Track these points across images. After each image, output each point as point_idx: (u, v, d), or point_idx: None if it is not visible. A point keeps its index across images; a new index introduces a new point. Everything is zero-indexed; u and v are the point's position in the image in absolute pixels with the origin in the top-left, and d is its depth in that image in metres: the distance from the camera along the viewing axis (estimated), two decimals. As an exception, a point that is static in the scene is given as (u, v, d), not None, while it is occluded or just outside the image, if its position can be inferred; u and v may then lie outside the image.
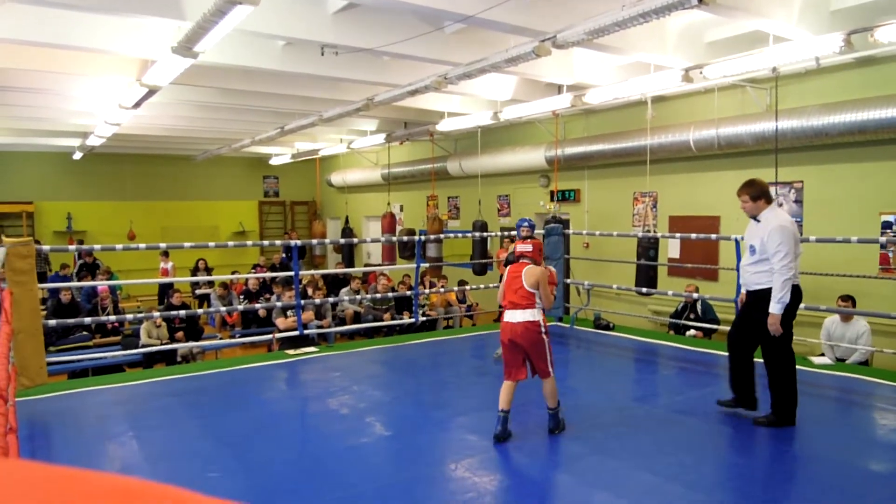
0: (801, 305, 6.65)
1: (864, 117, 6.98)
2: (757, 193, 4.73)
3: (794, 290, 4.57)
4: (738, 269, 6.90)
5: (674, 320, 8.45)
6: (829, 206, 7.94)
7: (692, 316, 8.30)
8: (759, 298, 4.62)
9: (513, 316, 4.47)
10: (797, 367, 6.30)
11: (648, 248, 8.71)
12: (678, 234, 8.47)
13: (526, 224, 5.40)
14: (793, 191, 8.29)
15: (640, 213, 10.37)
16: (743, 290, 5.00)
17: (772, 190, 8.27)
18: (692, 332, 8.21)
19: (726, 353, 6.87)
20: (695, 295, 8.17)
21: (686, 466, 4.01)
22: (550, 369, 4.52)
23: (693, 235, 7.81)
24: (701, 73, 7.08)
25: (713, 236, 7.83)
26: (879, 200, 7.46)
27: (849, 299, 6.79)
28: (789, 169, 8.17)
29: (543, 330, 4.46)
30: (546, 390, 4.55)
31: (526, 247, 4.71)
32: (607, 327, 8.41)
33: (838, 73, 7.68)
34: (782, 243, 4.46)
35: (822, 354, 6.82)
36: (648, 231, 9.54)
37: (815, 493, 3.60)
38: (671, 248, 9.88)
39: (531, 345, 4.43)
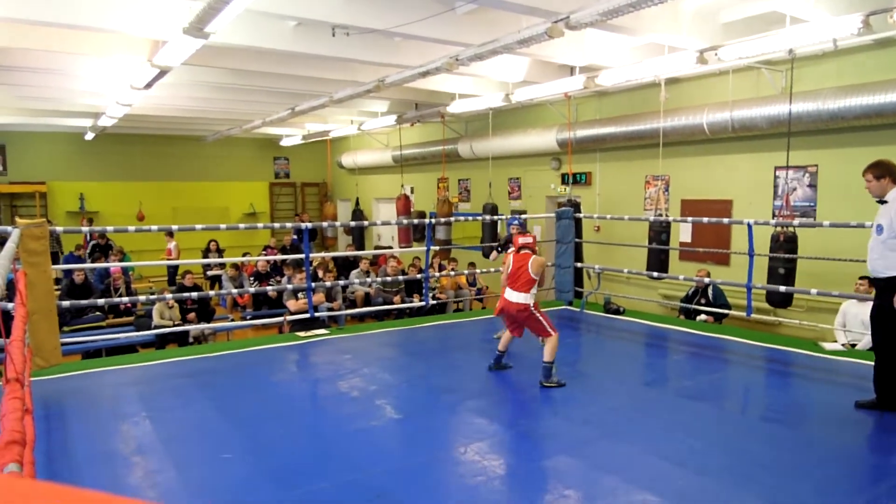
0: (814, 290, 6.70)
1: (882, 100, 6.87)
2: (881, 173, 4.47)
3: None
4: (750, 254, 6.88)
5: (685, 305, 8.41)
6: (844, 191, 7.84)
7: (703, 301, 8.27)
8: (890, 287, 4.35)
9: (510, 296, 5.46)
10: (808, 352, 6.31)
11: (660, 231, 8.67)
12: (690, 218, 8.40)
13: (516, 223, 6.36)
14: (807, 175, 8.20)
15: (651, 197, 10.30)
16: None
17: (783, 174, 8.27)
18: (703, 317, 8.18)
19: (742, 340, 6.88)
20: (706, 280, 8.11)
21: (695, 451, 4.02)
22: (550, 330, 5.38)
23: (705, 220, 7.75)
24: (716, 54, 6.98)
25: (725, 220, 7.76)
26: (896, 185, 7.36)
27: (866, 279, 6.73)
28: (804, 153, 8.07)
29: (532, 308, 5.40)
30: (547, 346, 5.35)
31: (527, 239, 5.58)
32: (618, 311, 8.39)
33: (856, 54, 7.54)
34: None
35: (836, 341, 6.78)
36: (660, 215, 9.49)
37: (824, 480, 3.60)
38: (683, 232, 9.82)
39: (524, 320, 5.47)
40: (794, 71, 7.67)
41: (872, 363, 5.85)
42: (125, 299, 7.92)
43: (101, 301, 7.12)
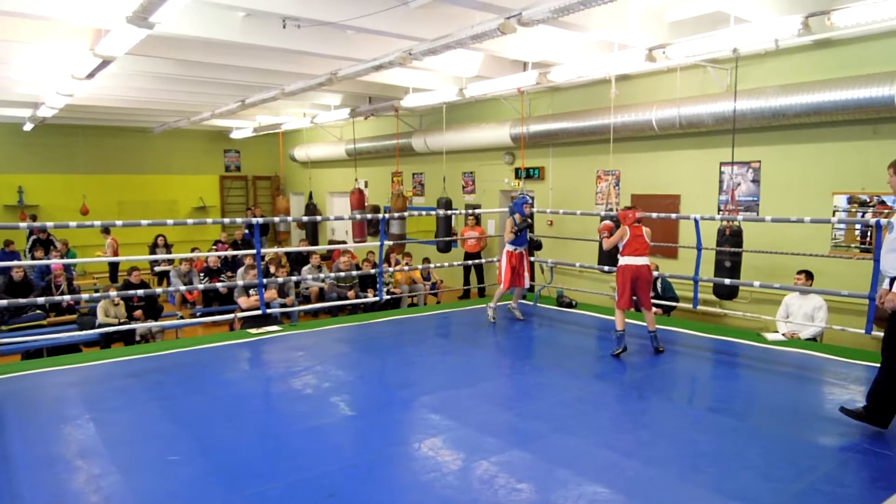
0: (757, 283, 6.93)
1: (820, 99, 7.12)
2: None
3: None
4: (698, 248, 7.07)
5: (635, 298, 8.57)
6: (785, 186, 8.12)
7: (652, 294, 8.43)
8: None
9: (637, 260, 6.26)
10: (752, 343, 6.52)
11: (611, 226, 8.81)
12: (639, 213, 8.55)
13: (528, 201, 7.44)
14: (750, 170, 8.46)
15: (603, 192, 10.46)
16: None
17: (728, 169, 8.50)
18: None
19: (690, 332, 7.04)
20: (655, 273, 8.29)
21: (643, 442, 4.11)
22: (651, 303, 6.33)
23: (654, 214, 7.92)
24: (663, 52, 7.12)
25: (673, 216, 7.94)
26: (833, 180, 7.66)
27: (803, 273, 6.98)
28: (748, 149, 8.31)
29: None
30: (649, 317, 6.32)
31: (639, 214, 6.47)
32: (570, 305, 8.52)
33: (796, 54, 7.80)
34: None
35: (777, 331, 7.02)
36: (611, 209, 9.65)
37: (765, 467, 3.73)
38: (633, 226, 9.99)
39: (648, 281, 6.37)
40: (738, 69, 7.88)
41: (813, 353, 6.13)
42: (67, 297, 7.64)
43: (41, 299, 6.85)
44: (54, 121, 14.53)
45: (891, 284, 4.15)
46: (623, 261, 6.33)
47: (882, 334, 4.40)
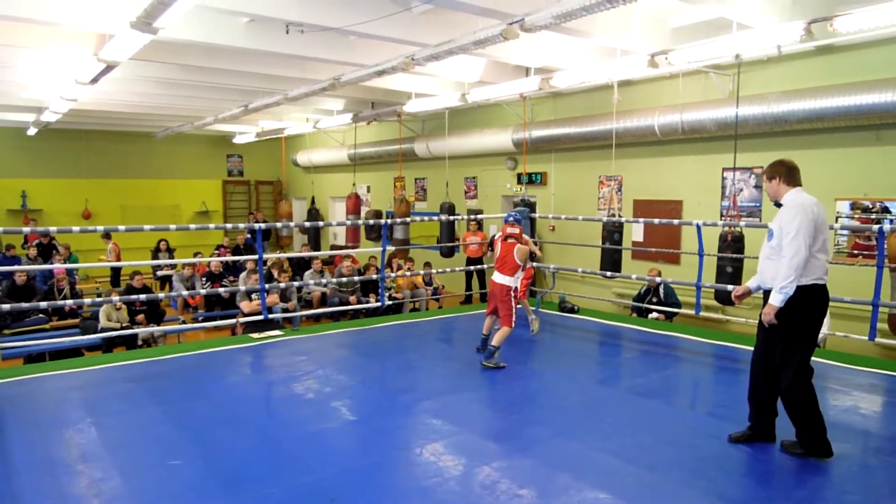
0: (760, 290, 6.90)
1: (823, 105, 7.13)
2: (772, 173, 3.99)
3: (819, 290, 3.91)
4: (699, 254, 7.06)
5: (637, 303, 8.57)
6: (788, 192, 8.10)
7: (655, 299, 8.44)
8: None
9: (497, 278, 6.09)
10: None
11: (613, 231, 8.82)
12: (642, 219, 8.57)
13: (511, 219, 6.60)
14: (753, 176, 8.45)
15: (605, 197, 10.47)
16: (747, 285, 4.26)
17: (730, 175, 8.49)
18: (654, 315, 8.35)
19: (692, 337, 7.03)
20: (657, 279, 8.29)
21: (645, 448, 4.10)
22: (510, 321, 5.92)
23: (656, 220, 7.92)
24: (666, 58, 7.13)
25: (675, 221, 7.94)
26: (835, 186, 7.65)
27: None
28: (750, 154, 8.31)
29: (512, 293, 5.96)
30: (499, 333, 5.88)
31: (514, 230, 6.18)
32: (572, 310, 8.51)
33: (799, 60, 7.81)
34: (793, 220, 3.74)
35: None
36: (613, 215, 9.66)
37: (767, 473, 3.72)
38: (635, 232, 10.01)
39: (500, 301, 6.01)
40: (740, 75, 7.89)
41: (815, 358, 6.08)
42: (70, 301, 7.65)
43: (43, 303, 6.86)
44: (58, 125, 14.58)
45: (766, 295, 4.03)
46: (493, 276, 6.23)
47: (892, 342, 4.34)
